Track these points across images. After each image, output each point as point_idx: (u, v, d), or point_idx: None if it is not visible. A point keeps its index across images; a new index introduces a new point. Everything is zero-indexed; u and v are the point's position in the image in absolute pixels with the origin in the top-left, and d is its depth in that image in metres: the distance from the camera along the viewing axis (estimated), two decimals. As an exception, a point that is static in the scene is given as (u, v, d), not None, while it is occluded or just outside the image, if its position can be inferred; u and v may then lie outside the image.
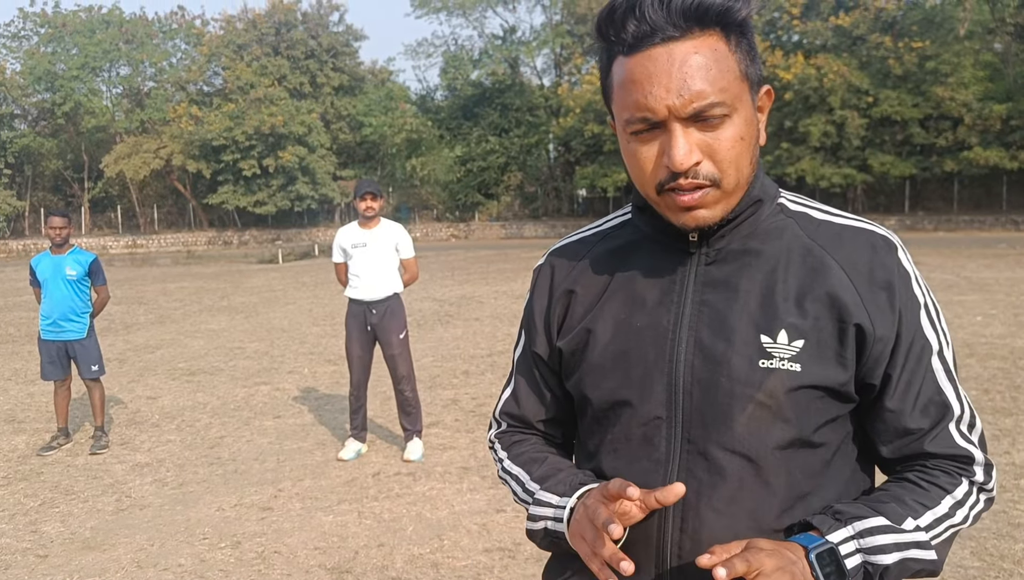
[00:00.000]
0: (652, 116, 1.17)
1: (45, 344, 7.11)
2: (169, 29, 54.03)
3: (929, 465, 1.28)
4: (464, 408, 7.95)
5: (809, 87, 37.08)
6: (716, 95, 1.16)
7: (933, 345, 1.28)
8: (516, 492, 1.45)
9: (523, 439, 1.52)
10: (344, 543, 4.93)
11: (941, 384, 1.28)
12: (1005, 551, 4.44)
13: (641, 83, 1.17)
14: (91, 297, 7.23)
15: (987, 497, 1.32)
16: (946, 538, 1.25)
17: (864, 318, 1.24)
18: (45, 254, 7.15)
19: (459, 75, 50.78)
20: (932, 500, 1.25)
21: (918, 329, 1.27)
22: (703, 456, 1.24)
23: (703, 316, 1.28)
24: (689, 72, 1.15)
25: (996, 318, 11.87)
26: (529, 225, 47.56)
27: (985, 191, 39.83)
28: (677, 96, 1.15)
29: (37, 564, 4.79)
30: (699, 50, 1.16)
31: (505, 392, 1.55)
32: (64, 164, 52.31)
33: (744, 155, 1.21)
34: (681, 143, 1.16)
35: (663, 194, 1.22)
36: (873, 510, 1.21)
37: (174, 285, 22.60)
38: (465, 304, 15.96)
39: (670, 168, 1.18)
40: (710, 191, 1.20)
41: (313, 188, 47.35)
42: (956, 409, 1.28)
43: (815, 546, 1.15)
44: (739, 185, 1.23)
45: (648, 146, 1.21)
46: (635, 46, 1.18)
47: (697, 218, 1.22)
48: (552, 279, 1.46)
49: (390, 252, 6.58)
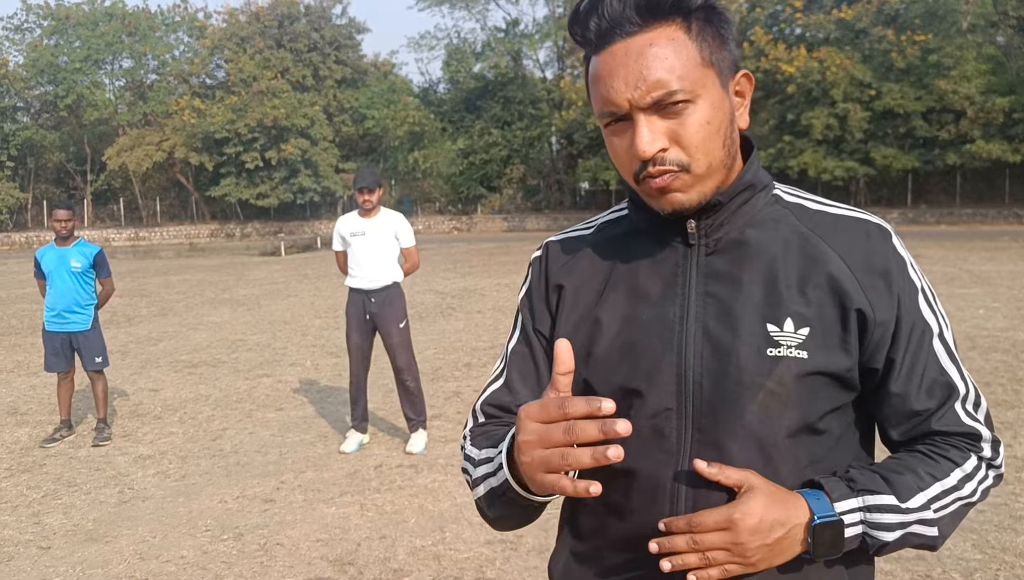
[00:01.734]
0: (616, 109, 1.21)
1: (49, 336, 7.13)
2: (172, 22, 54.01)
3: (939, 441, 1.30)
4: (466, 400, 7.96)
5: (812, 80, 37.00)
6: (675, 83, 1.18)
7: (933, 328, 1.30)
8: (468, 473, 1.39)
9: (495, 430, 1.44)
10: (346, 535, 4.94)
11: (944, 365, 1.30)
12: (1007, 544, 4.44)
13: (604, 78, 1.21)
14: (96, 289, 7.26)
15: (996, 473, 1.34)
16: (953, 511, 1.27)
17: (864, 303, 1.26)
18: (50, 246, 7.17)
19: (461, 68, 50.74)
20: (942, 472, 1.27)
21: (917, 313, 1.29)
22: (713, 446, 1.25)
23: (709, 307, 1.29)
24: (645, 64, 1.18)
25: (998, 311, 11.87)
26: (531, 218, 47.54)
27: (987, 184, 39.77)
28: (635, 88, 1.18)
29: (40, 556, 4.80)
30: (655, 41, 1.19)
31: (494, 384, 1.51)
32: (67, 156, 52.34)
33: (712, 139, 1.23)
34: (644, 133, 1.20)
35: (640, 183, 1.26)
36: (885, 482, 1.23)
37: (176, 277, 22.61)
38: (467, 296, 15.97)
39: (637, 156, 1.21)
40: (679, 175, 1.22)
41: (315, 181, 47.35)
42: (961, 388, 1.30)
43: (823, 516, 1.18)
44: (712, 168, 1.24)
45: (621, 138, 1.25)
46: (599, 44, 1.22)
47: (672, 201, 1.25)
48: (547, 269, 1.46)
49: (389, 241, 6.56)
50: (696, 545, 1.15)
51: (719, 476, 1.17)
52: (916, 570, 4.19)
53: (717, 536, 1.14)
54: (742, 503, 1.15)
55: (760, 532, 1.14)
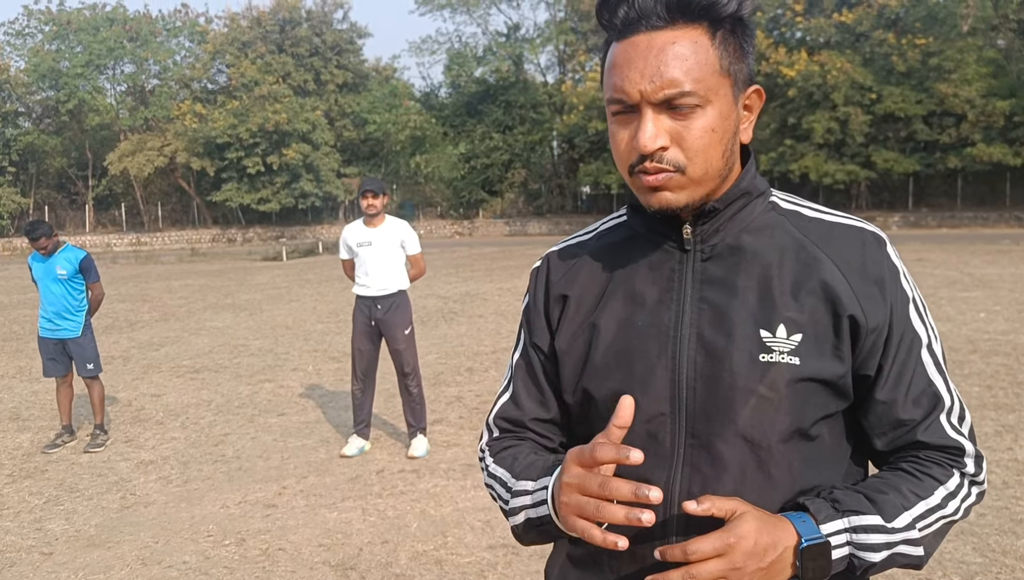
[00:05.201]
0: (626, 99, 1.22)
1: (44, 342, 7.13)
2: (173, 27, 54.02)
3: (922, 456, 1.31)
4: (468, 405, 7.96)
5: (812, 84, 36.98)
6: (689, 84, 1.20)
7: (922, 338, 1.31)
8: (499, 495, 1.41)
9: (513, 445, 1.48)
10: (348, 540, 4.95)
11: (931, 376, 1.31)
12: (1007, 547, 4.44)
13: (621, 67, 1.23)
14: (86, 295, 7.22)
15: (979, 490, 1.34)
16: (936, 529, 1.27)
17: (857, 310, 1.26)
18: (37, 253, 7.15)
19: (463, 72, 50.73)
20: (926, 491, 1.27)
21: (908, 323, 1.30)
22: (706, 450, 1.27)
23: (704, 313, 1.30)
24: (664, 60, 1.20)
25: (999, 314, 11.86)
26: (533, 222, 47.54)
27: (989, 187, 39.72)
28: (649, 81, 1.20)
29: (42, 562, 4.81)
30: (678, 40, 1.20)
31: (502, 398, 1.54)
32: (68, 161, 52.35)
33: (714, 147, 1.24)
34: (649, 127, 1.21)
35: (634, 176, 1.27)
36: (870, 502, 1.23)
37: (178, 282, 22.63)
38: (469, 301, 15.98)
39: (636, 149, 1.23)
40: (674, 176, 1.24)
41: (317, 185, 47.33)
42: (947, 400, 1.31)
43: (810, 539, 1.18)
44: (707, 175, 1.26)
45: (624, 128, 1.26)
46: (623, 32, 1.24)
47: (661, 200, 1.26)
48: (548, 280, 1.48)
49: (395, 249, 6.59)
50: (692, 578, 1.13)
51: (712, 510, 1.16)
52: (917, 574, 4.19)
53: (714, 564, 1.12)
54: (736, 526, 1.14)
55: (756, 555, 1.13)
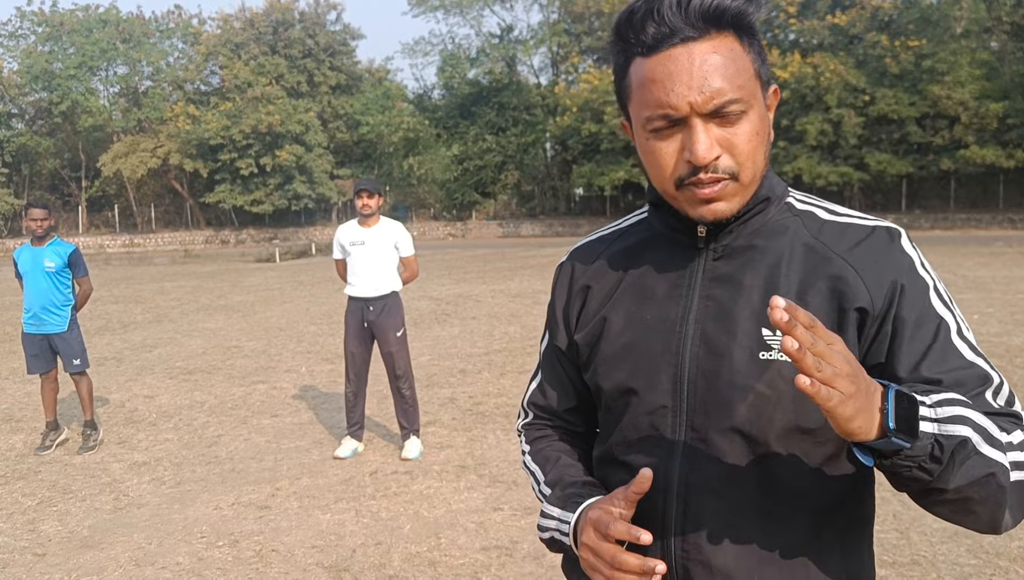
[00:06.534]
0: (674, 113, 1.22)
1: (28, 338, 7.07)
2: (166, 28, 53.85)
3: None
4: (461, 407, 7.96)
5: (806, 86, 37.14)
6: (734, 92, 1.21)
7: (950, 324, 1.25)
8: (533, 486, 1.56)
9: (544, 435, 1.61)
10: (341, 541, 4.94)
11: (970, 358, 1.24)
12: (1001, 548, 4.45)
13: (663, 81, 1.22)
14: (73, 289, 7.13)
15: None
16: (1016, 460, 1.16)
17: (866, 301, 1.25)
18: (26, 246, 7.04)
19: (456, 74, 50.76)
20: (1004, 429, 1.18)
21: (930, 308, 1.26)
22: (705, 443, 1.30)
23: (708, 310, 1.33)
24: (709, 70, 1.20)
25: (993, 316, 11.89)
26: (526, 224, 47.58)
27: (982, 189, 39.90)
28: (699, 93, 1.20)
29: (35, 563, 4.79)
30: (717, 50, 1.21)
31: (532, 383, 1.65)
32: (61, 163, 52.26)
33: (760, 149, 1.26)
34: (703, 138, 1.21)
35: (682, 189, 1.26)
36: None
37: (171, 284, 22.58)
38: (462, 303, 15.96)
39: (692, 162, 1.22)
40: (729, 184, 1.25)
41: (310, 187, 47.34)
42: (995, 378, 1.24)
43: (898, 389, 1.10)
44: (755, 178, 1.28)
45: (667, 142, 1.25)
46: (654, 47, 1.23)
47: (715, 211, 1.27)
48: (571, 276, 1.54)
49: (389, 250, 6.58)
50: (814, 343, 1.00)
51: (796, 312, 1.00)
52: (911, 575, 4.20)
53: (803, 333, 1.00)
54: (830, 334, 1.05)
55: (848, 360, 1.03)
